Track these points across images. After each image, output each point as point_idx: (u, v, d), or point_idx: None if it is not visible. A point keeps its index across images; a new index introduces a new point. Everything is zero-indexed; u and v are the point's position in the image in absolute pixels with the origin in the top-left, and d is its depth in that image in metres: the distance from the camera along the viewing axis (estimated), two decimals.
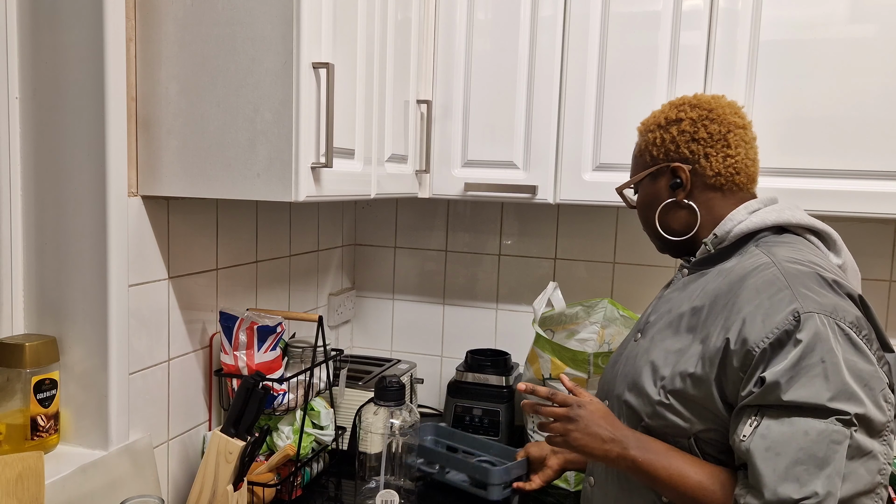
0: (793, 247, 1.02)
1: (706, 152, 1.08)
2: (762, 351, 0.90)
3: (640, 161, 1.16)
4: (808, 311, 0.90)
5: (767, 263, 0.98)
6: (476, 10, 1.62)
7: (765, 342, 0.90)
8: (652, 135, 1.14)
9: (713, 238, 1.08)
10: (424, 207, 2.05)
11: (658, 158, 1.12)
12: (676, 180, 1.10)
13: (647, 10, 1.50)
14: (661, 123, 1.13)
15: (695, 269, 1.12)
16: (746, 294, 0.96)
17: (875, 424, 0.87)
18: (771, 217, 1.05)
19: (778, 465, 0.86)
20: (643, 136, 1.16)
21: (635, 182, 1.17)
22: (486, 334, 2.02)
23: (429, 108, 1.64)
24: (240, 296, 1.55)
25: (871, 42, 1.36)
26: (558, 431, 1.07)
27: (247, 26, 1.11)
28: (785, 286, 0.93)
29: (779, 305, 0.92)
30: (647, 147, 1.14)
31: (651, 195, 1.14)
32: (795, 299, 0.91)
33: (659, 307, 1.14)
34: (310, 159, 1.13)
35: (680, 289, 1.12)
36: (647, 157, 1.14)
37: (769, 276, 0.96)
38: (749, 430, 0.90)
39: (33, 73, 1.15)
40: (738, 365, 0.92)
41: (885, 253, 1.70)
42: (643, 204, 1.17)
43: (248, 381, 1.23)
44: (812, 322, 0.89)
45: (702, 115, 1.09)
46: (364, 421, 1.40)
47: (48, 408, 1.14)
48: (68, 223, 1.16)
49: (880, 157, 1.37)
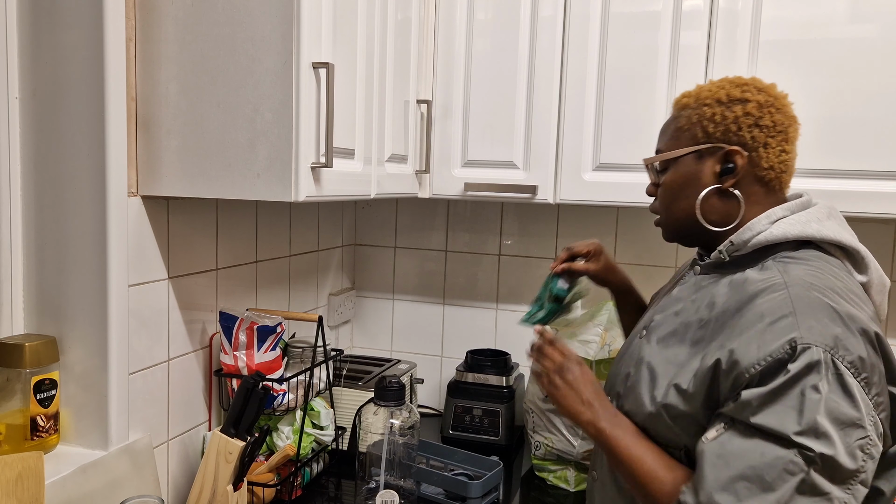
0: (811, 266, 0.95)
1: (766, 142, 0.99)
2: (751, 377, 0.86)
3: (684, 135, 1.04)
4: (806, 343, 0.85)
5: (779, 285, 0.92)
6: (476, 10, 1.62)
7: (756, 368, 0.86)
8: (710, 109, 1.01)
9: (729, 245, 1.01)
10: (424, 207, 2.05)
11: (713, 136, 1.00)
12: (729, 165, 1.00)
13: (647, 10, 1.50)
14: (721, 99, 1.01)
15: (707, 271, 1.07)
16: (750, 316, 0.91)
17: (841, 470, 0.82)
18: (794, 230, 0.97)
19: (721, 475, 0.85)
20: (695, 108, 1.03)
21: (678, 156, 1.04)
22: (486, 334, 2.02)
23: (429, 108, 1.65)
24: (240, 296, 1.55)
25: (871, 42, 1.36)
26: (551, 369, 1.10)
27: (247, 26, 1.11)
28: (790, 312, 0.88)
29: (778, 333, 0.87)
30: (699, 121, 1.02)
31: (690, 175, 1.03)
32: (797, 328, 0.86)
33: (667, 307, 1.10)
34: (310, 159, 1.13)
35: (691, 290, 1.07)
36: (699, 132, 1.02)
37: (778, 301, 0.90)
38: (714, 434, 0.89)
39: (33, 73, 1.15)
40: (729, 387, 0.89)
41: (885, 253, 1.70)
42: (677, 183, 1.05)
43: (248, 382, 1.23)
44: (807, 355, 0.84)
45: (769, 100, 1.00)
46: (364, 421, 1.40)
47: (48, 408, 1.14)
48: (68, 223, 1.16)
49: (880, 157, 1.37)
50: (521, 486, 1.61)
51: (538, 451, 1.61)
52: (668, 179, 1.07)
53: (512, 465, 1.71)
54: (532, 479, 1.63)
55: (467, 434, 1.78)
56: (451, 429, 1.79)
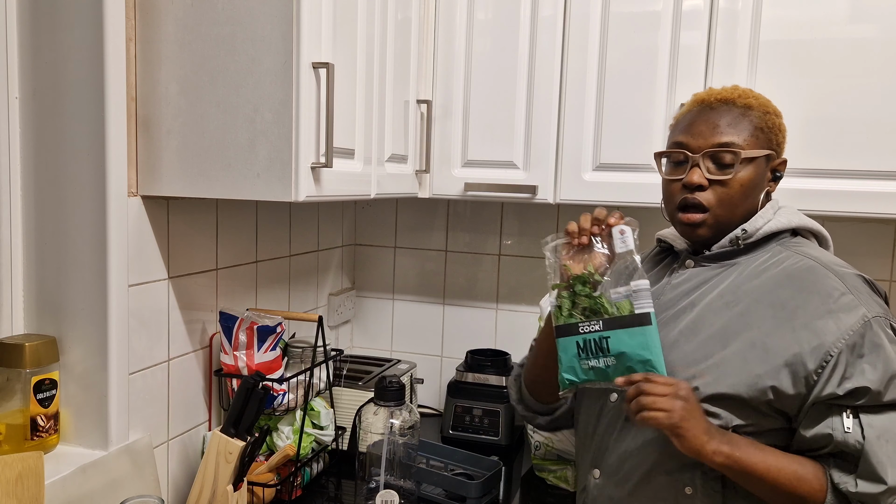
0: (815, 249, 1.10)
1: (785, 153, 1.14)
2: (839, 352, 0.97)
3: (763, 136, 1.07)
4: (876, 315, 0.99)
5: (815, 266, 1.04)
6: (476, 10, 1.62)
7: (841, 343, 0.97)
8: (773, 119, 1.09)
9: (743, 233, 1.08)
10: (424, 207, 2.05)
11: (778, 145, 1.10)
12: (778, 174, 1.12)
13: (647, 10, 1.50)
14: (776, 112, 1.11)
15: (706, 263, 1.11)
16: (807, 297, 1.01)
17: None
18: (794, 219, 1.11)
19: (889, 452, 0.95)
20: (762, 114, 1.08)
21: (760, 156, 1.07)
22: (486, 334, 2.02)
23: (429, 108, 1.64)
24: (240, 296, 1.55)
25: (871, 42, 1.36)
26: (663, 407, 0.95)
27: (247, 26, 1.11)
28: (845, 290, 1.01)
29: (846, 309, 0.99)
30: (771, 129, 1.09)
31: (761, 177, 1.09)
32: (859, 304, 0.99)
33: (674, 299, 1.10)
34: (310, 159, 1.13)
35: (695, 281, 1.10)
36: (773, 138, 1.09)
37: (825, 279, 1.02)
38: (850, 422, 0.97)
39: (33, 73, 1.15)
40: (814, 367, 0.97)
41: (885, 253, 1.70)
42: (753, 182, 1.07)
43: (248, 381, 1.23)
44: (879, 325, 0.98)
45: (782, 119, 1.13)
46: (364, 421, 1.40)
47: (48, 408, 1.14)
48: (68, 223, 1.16)
49: (880, 157, 1.37)
50: (521, 486, 1.61)
51: (538, 451, 1.61)
52: (743, 177, 1.06)
53: (512, 465, 1.71)
54: (532, 479, 1.63)
55: (467, 434, 1.78)
56: (451, 429, 1.79)
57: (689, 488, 1.03)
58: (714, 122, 1.07)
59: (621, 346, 0.99)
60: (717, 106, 1.08)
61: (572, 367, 1.03)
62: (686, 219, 1.08)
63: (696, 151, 1.07)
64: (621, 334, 0.99)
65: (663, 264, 1.21)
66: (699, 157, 1.06)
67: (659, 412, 0.95)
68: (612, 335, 1.00)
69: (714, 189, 1.06)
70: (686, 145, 1.08)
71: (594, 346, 1.01)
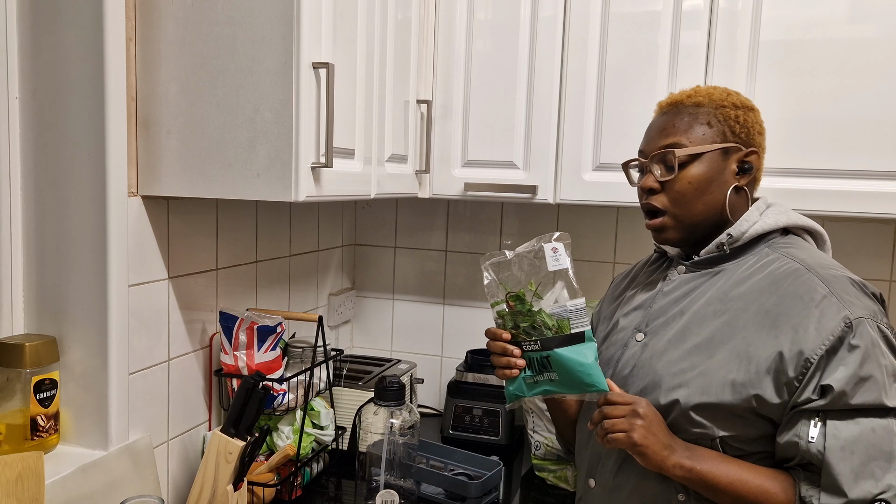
0: (804, 249, 1.06)
1: (763, 147, 1.11)
2: (819, 358, 0.95)
3: (710, 131, 1.07)
4: (858, 317, 0.95)
5: (799, 269, 1.02)
6: (476, 10, 1.62)
7: (821, 349, 0.95)
8: (732, 111, 1.08)
9: (728, 238, 1.07)
10: (424, 207, 2.05)
11: (739, 136, 1.07)
12: (746, 165, 1.08)
13: (647, 10, 1.50)
14: (736, 104, 1.09)
15: (696, 269, 1.11)
16: (790, 303, 0.99)
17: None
18: (782, 219, 1.09)
19: (853, 464, 0.92)
20: (714, 109, 1.08)
21: (707, 151, 1.06)
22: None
23: (429, 108, 1.65)
24: (240, 296, 1.55)
25: (871, 42, 1.36)
26: (623, 428, 0.99)
27: (247, 26, 1.11)
28: (828, 293, 0.98)
29: (828, 313, 0.96)
30: (725, 121, 1.07)
31: (717, 171, 1.06)
32: (843, 306, 0.96)
33: (664, 307, 1.11)
34: (310, 159, 1.13)
35: (684, 289, 1.10)
36: (727, 131, 1.07)
37: (808, 283, 1.00)
38: (815, 431, 0.94)
39: (33, 73, 1.15)
40: (794, 374, 0.96)
41: (885, 253, 1.70)
42: (704, 178, 1.06)
43: (248, 381, 1.23)
44: (863, 328, 0.95)
45: (758, 113, 1.11)
46: (364, 421, 1.40)
47: (48, 408, 1.14)
48: (68, 223, 1.16)
49: (880, 157, 1.37)
50: (521, 486, 1.61)
51: (538, 451, 1.61)
52: (692, 174, 1.07)
53: (512, 465, 1.71)
54: (532, 479, 1.63)
55: (467, 434, 1.78)
56: (451, 429, 1.79)
57: (682, 495, 1.03)
58: (661, 125, 1.11)
59: (562, 362, 1.04)
60: (668, 110, 1.12)
61: (518, 383, 1.08)
62: (649, 225, 1.12)
63: (647, 157, 1.11)
64: (560, 352, 1.04)
65: (659, 271, 1.21)
66: (648, 161, 1.10)
67: (619, 433, 0.99)
68: (552, 354, 1.04)
69: (667, 191, 1.09)
70: (641, 152, 1.13)
71: (537, 364, 1.06)
